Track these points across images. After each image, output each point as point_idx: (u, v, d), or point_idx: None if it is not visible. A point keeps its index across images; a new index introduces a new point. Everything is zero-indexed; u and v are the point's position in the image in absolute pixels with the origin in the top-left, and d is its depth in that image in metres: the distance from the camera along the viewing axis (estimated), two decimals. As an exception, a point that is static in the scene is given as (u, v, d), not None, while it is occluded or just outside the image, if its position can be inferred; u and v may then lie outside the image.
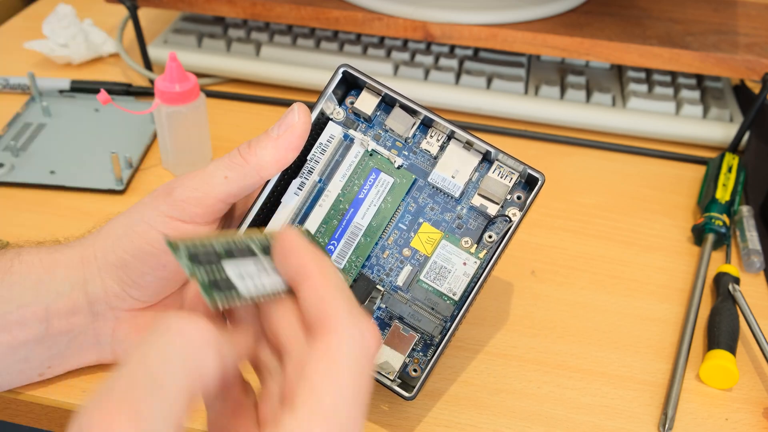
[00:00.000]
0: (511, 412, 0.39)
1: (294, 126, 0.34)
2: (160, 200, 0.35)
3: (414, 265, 0.36)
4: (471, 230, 0.37)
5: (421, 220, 0.37)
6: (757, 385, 0.41)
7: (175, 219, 0.34)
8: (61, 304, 0.35)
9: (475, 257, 0.36)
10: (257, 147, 0.34)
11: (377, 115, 0.38)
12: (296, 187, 0.37)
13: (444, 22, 0.58)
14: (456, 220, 0.37)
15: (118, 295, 0.36)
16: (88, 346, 0.37)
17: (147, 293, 0.36)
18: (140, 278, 0.35)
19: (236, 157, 0.34)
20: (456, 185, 0.36)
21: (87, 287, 0.35)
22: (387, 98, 0.37)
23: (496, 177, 0.36)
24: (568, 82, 0.63)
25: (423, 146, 0.37)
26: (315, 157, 0.37)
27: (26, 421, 0.39)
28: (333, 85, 0.36)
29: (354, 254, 0.36)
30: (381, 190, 0.37)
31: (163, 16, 0.75)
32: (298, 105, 0.35)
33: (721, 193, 0.51)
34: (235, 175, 0.34)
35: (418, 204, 0.37)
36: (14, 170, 0.53)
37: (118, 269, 0.35)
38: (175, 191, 0.34)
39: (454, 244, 0.36)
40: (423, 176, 0.37)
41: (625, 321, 0.45)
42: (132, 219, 0.35)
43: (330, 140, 0.37)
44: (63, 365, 0.37)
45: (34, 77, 0.59)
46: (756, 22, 0.61)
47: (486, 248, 0.36)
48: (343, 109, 0.38)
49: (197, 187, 0.34)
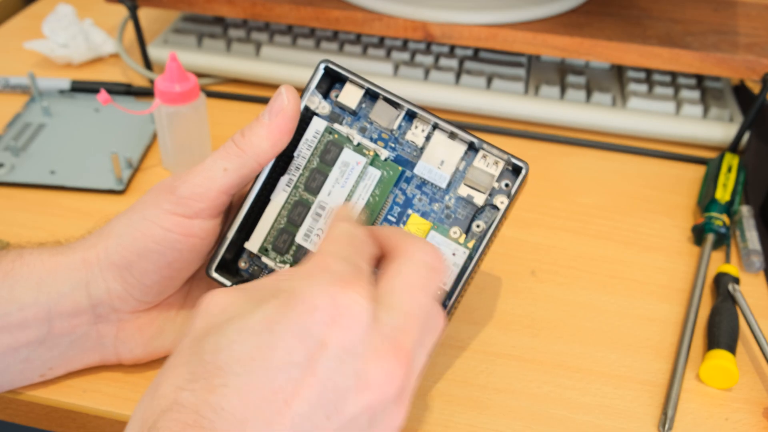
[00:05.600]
0: (511, 412, 0.39)
1: (284, 109, 0.34)
2: (163, 198, 0.34)
3: None
4: (460, 220, 0.36)
5: (410, 212, 0.37)
6: (757, 385, 0.41)
7: (179, 215, 0.34)
8: (63, 305, 0.35)
9: (464, 247, 0.36)
10: (251, 135, 0.34)
11: (362, 108, 0.37)
12: (285, 184, 0.37)
13: (444, 22, 0.58)
14: (444, 210, 0.37)
15: (121, 297, 0.35)
16: (91, 347, 0.37)
17: (150, 293, 0.36)
18: (144, 278, 0.35)
19: (232, 148, 0.35)
20: (442, 176, 0.36)
21: (89, 289, 0.35)
22: (370, 91, 0.37)
23: (482, 166, 0.36)
24: (568, 82, 0.63)
25: (408, 137, 0.37)
26: (302, 153, 0.37)
27: (26, 421, 0.39)
28: (315, 81, 0.36)
29: None
30: (368, 184, 0.37)
31: (163, 16, 0.75)
32: (286, 87, 0.35)
33: (721, 193, 0.51)
34: (234, 165, 0.34)
35: (406, 195, 0.37)
36: (14, 170, 0.53)
37: (121, 270, 0.35)
38: (177, 189, 0.34)
39: (443, 234, 0.36)
40: (410, 168, 0.37)
41: (625, 321, 0.45)
42: (134, 218, 0.35)
43: (315, 136, 0.37)
44: (64, 366, 0.37)
45: (34, 77, 0.59)
46: (756, 22, 0.61)
47: (475, 238, 0.36)
48: (328, 103, 0.37)
49: (199, 183, 0.34)
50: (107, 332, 0.37)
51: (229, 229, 0.37)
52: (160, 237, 0.34)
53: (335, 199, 0.37)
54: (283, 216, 0.37)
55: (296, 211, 0.37)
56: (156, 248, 0.34)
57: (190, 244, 0.35)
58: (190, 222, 0.34)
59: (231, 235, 0.37)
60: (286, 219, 0.37)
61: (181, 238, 0.34)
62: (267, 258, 0.37)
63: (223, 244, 0.37)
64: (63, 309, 0.35)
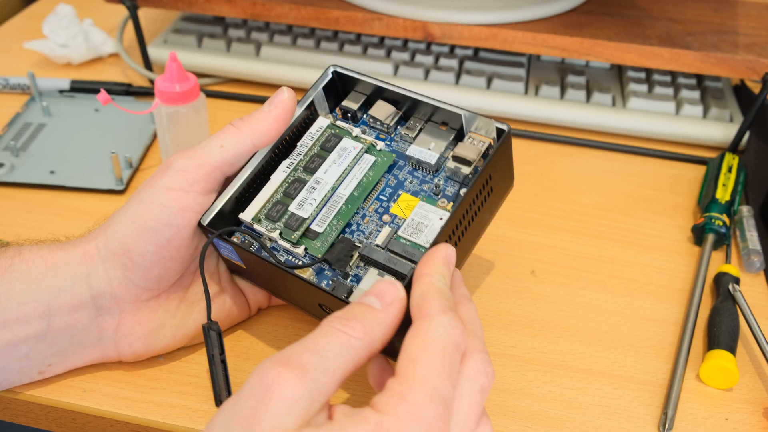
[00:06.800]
0: (511, 412, 0.39)
1: (284, 101, 0.38)
2: (159, 174, 0.36)
3: (393, 228, 0.37)
4: (448, 196, 0.38)
5: (401, 192, 0.39)
6: (757, 385, 0.41)
7: (174, 189, 0.35)
8: (63, 300, 0.35)
9: (451, 212, 0.36)
10: (250, 118, 0.38)
11: (362, 111, 0.42)
12: (285, 166, 0.39)
13: (444, 22, 0.58)
14: (434, 189, 0.39)
15: (122, 284, 0.36)
16: (91, 343, 0.37)
17: (150, 278, 0.36)
18: (144, 259, 0.35)
19: (230, 128, 0.37)
20: (432, 155, 0.39)
21: (90, 281, 0.36)
22: (371, 97, 0.41)
23: (469, 143, 0.38)
24: (568, 82, 0.63)
25: (403, 132, 0.40)
26: (304, 143, 0.40)
27: (26, 421, 0.39)
28: (322, 83, 0.41)
29: (335, 219, 0.37)
30: (363, 167, 0.39)
31: (163, 16, 0.75)
32: (286, 88, 0.39)
33: (721, 193, 0.51)
34: (230, 143, 0.37)
35: (398, 179, 0.39)
36: (14, 170, 0.53)
37: (120, 256, 0.35)
38: (174, 163, 0.36)
39: (431, 204, 0.38)
40: (403, 158, 0.40)
41: (625, 321, 0.45)
42: (131, 204, 0.36)
43: (319, 130, 0.40)
44: (64, 363, 0.37)
45: (34, 77, 0.59)
46: (756, 22, 0.62)
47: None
48: (332, 116, 0.42)
49: (195, 155, 0.36)
50: (108, 326, 0.37)
51: (230, 186, 0.38)
52: (157, 214, 0.35)
53: (331, 176, 0.39)
54: (279, 192, 0.39)
55: (293, 186, 0.39)
56: (153, 226, 0.35)
57: (187, 219, 0.36)
58: (186, 195, 0.35)
59: (232, 192, 0.38)
60: (282, 194, 0.39)
61: (177, 213, 0.35)
62: (259, 225, 0.38)
63: (222, 199, 0.38)
64: (63, 304, 0.35)
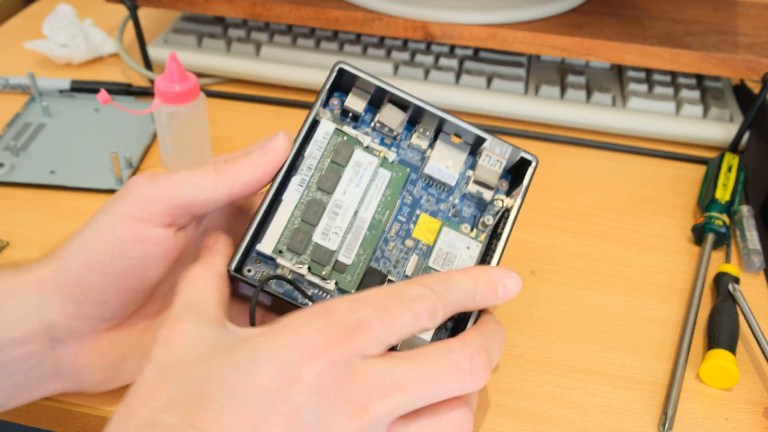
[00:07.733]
0: (511, 412, 0.39)
1: (275, 150, 0.34)
2: (118, 198, 0.33)
3: (419, 255, 0.37)
4: (466, 218, 0.38)
5: (419, 212, 0.38)
6: (757, 385, 0.41)
7: (131, 218, 0.32)
8: (15, 332, 0.32)
9: (476, 241, 0.38)
10: (233, 164, 0.33)
11: (366, 113, 0.39)
12: (297, 184, 0.36)
13: (444, 22, 0.58)
14: (451, 209, 0.38)
15: (78, 316, 0.33)
16: (49, 376, 0.34)
17: (108, 310, 0.33)
18: (98, 294, 0.33)
19: (210, 168, 0.33)
20: (451, 175, 0.38)
21: (43, 313, 0.33)
22: (376, 96, 0.38)
23: (486, 165, 0.38)
24: (568, 82, 0.63)
25: (413, 141, 0.39)
26: (312, 153, 0.37)
27: (26, 421, 0.39)
28: (330, 81, 0.37)
29: (361, 248, 0.36)
30: (380, 185, 0.37)
31: (163, 16, 0.75)
32: (283, 132, 0.34)
33: (721, 193, 0.51)
34: (206, 185, 0.33)
35: (413, 197, 0.38)
36: (14, 170, 0.53)
37: (72, 288, 0.32)
38: (135, 188, 0.33)
39: (455, 230, 0.38)
40: (415, 171, 0.39)
41: (625, 321, 0.45)
42: (86, 229, 0.33)
43: (325, 137, 0.37)
44: (23, 396, 0.34)
45: (34, 77, 0.59)
46: (756, 22, 0.61)
47: (484, 232, 0.38)
48: (328, 110, 0.38)
49: (160, 185, 0.33)
50: (65, 358, 0.34)
51: (249, 227, 0.35)
52: (110, 243, 0.32)
53: (351, 198, 0.36)
54: (297, 216, 0.36)
55: (311, 210, 0.36)
56: (104, 258, 0.32)
57: (142, 251, 0.32)
58: (142, 226, 0.32)
59: (251, 231, 0.35)
60: (300, 219, 0.36)
61: (132, 244, 0.32)
62: (282, 259, 0.35)
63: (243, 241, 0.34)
64: (15, 336, 0.32)
